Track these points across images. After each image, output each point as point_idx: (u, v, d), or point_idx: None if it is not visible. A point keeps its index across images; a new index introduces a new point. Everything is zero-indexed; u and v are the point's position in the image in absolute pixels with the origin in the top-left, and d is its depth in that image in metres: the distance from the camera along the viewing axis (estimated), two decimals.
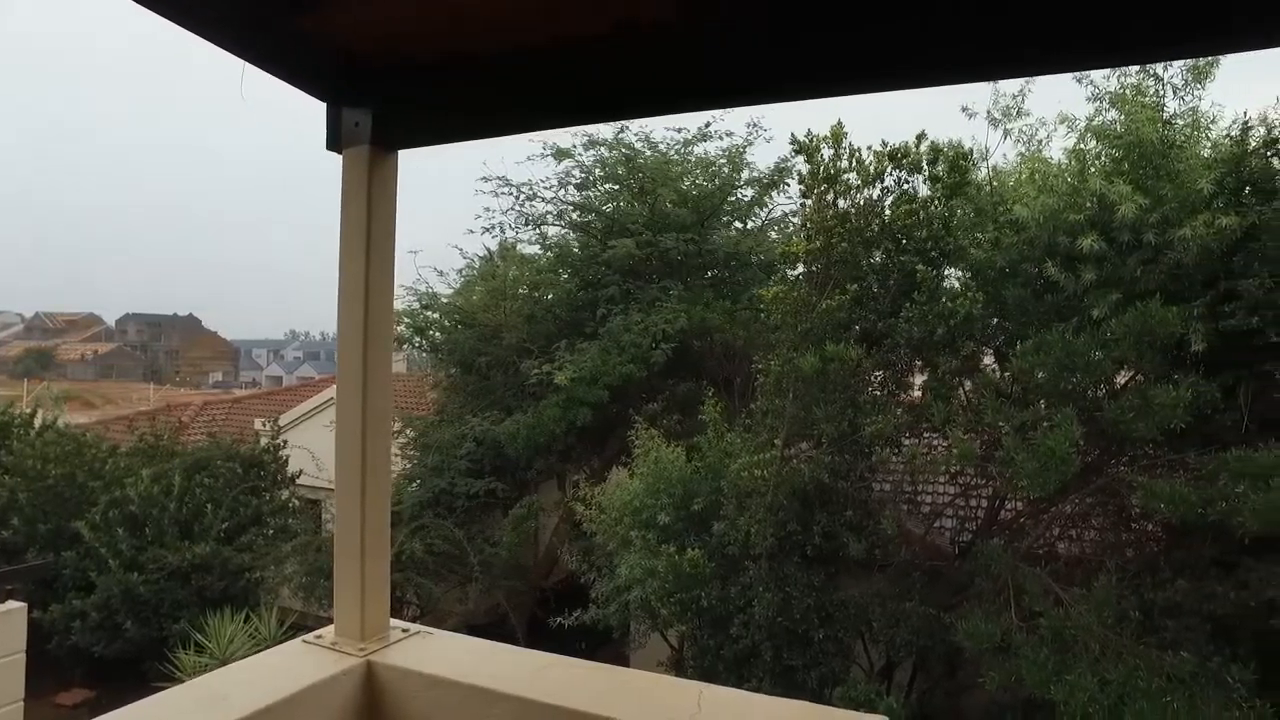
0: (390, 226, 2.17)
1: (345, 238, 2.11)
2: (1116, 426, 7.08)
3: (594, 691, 2.07)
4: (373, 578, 2.17)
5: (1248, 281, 6.71)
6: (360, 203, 2.08)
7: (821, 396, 8.03)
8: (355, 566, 2.14)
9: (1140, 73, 7.98)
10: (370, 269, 2.12)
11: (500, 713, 1.99)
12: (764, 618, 8.06)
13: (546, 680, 2.11)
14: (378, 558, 2.18)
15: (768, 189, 12.55)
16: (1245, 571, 6.65)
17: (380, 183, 2.10)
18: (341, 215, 2.13)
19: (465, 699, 2.04)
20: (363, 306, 2.11)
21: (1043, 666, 6.65)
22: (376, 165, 2.09)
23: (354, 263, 2.11)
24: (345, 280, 2.13)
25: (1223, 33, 1.30)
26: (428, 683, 2.06)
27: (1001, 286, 7.87)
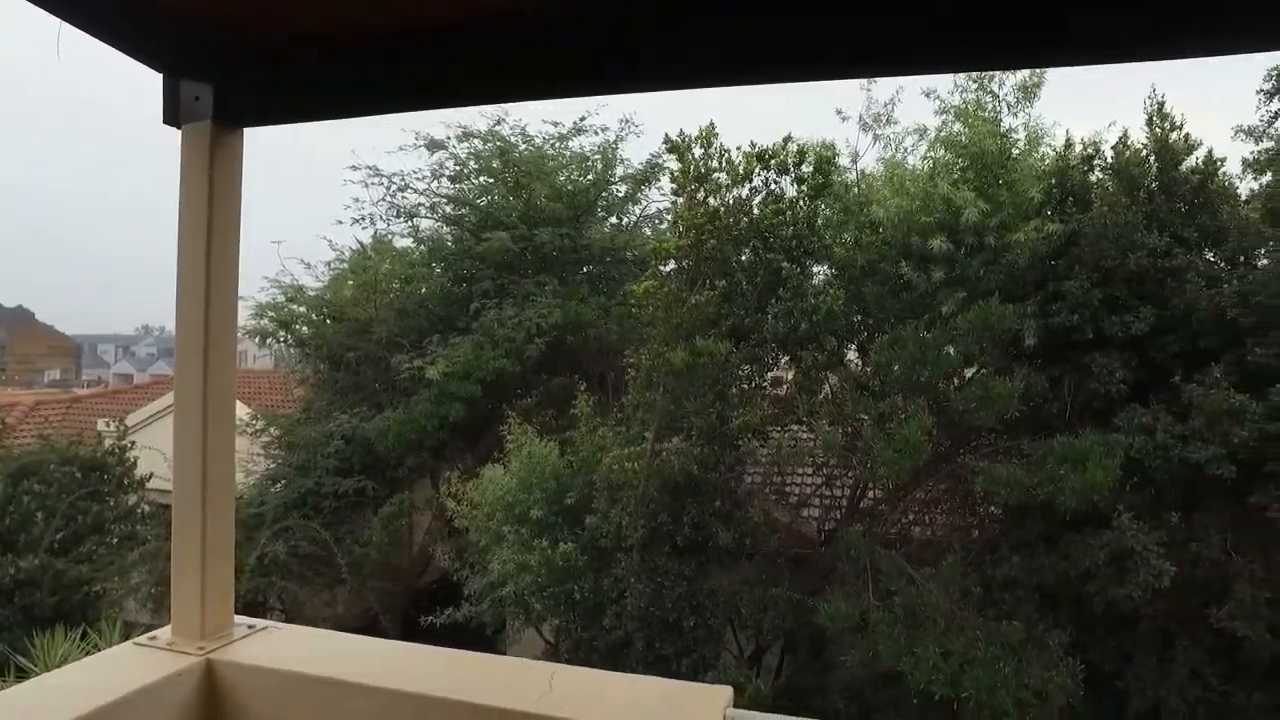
0: (235, 209, 2.06)
1: (185, 220, 1.97)
2: (962, 416, 7.61)
3: (451, 677, 2.05)
4: (215, 572, 2.06)
5: (1070, 283, 7.37)
6: (200, 183, 1.96)
7: (691, 390, 8.21)
8: (195, 560, 2.02)
9: (979, 89, 8.60)
10: (212, 253, 2.00)
11: (358, 704, 1.94)
12: (636, 608, 8.17)
13: (404, 669, 2.07)
14: (220, 552, 2.06)
15: (641, 185, 12.69)
16: (1066, 545, 7.30)
17: (224, 162, 1.98)
18: (180, 195, 2.00)
19: (319, 693, 1.97)
20: (203, 293, 1.99)
21: (896, 641, 7.08)
22: (220, 143, 1.96)
23: (194, 246, 1.98)
24: (184, 265, 2.01)
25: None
26: (278, 679, 1.98)
27: (862, 284, 8.29)
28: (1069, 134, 8.23)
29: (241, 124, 2.02)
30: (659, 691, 2.34)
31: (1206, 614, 6.99)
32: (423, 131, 12.17)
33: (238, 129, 2.03)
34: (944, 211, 7.62)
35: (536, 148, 12.55)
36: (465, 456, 11.72)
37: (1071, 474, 6.69)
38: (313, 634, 2.43)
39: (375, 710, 1.92)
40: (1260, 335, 7.07)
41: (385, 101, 2.13)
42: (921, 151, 8.51)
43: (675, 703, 2.16)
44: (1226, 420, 6.74)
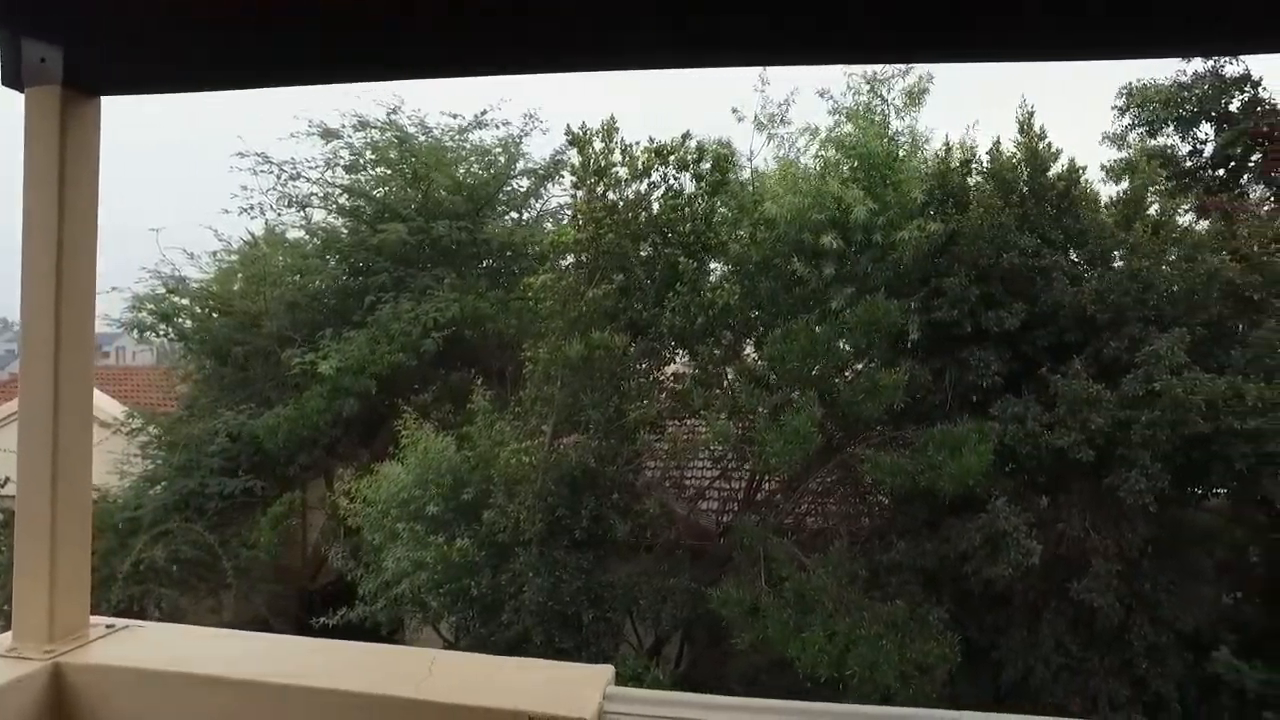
0: (91, 186, 1.91)
1: (31, 197, 1.83)
2: (851, 407, 7.90)
3: (323, 667, 2.00)
4: (66, 570, 1.94)
5: (950, 280, 7.76)
6: (49, 156, 1.81)
7: (588, 383, 8.23)
8: (41, 560, 1.90)
9: (870, 92, 8.94)
10: (65, 236, 1.86)
11: (224, 699, 1.87)
12: (534, 603, 8.14)
13: (272, 660, 2.01)
14: (72, 551, 1.94)
15: (544, 180, 12.62)
16: (946, 529, 7.69)
17: (77, 133, 1.83)
18: (25, 170, 1.85)
19: (182, 689, 1.89)
20: (53, 277, 1.86)
21: (785, 625, 7.30)
22: (72, 112, 1.82)
23: (43, 227, 1.84)
24: (31, 247, 1.86)
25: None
26: (137, 678, 1.89)
27: (757, 280, 8.49)
28: (948, 139, 8.67)
29: (98, 92, 1.89)
30: (541, 673, 2.35)
31: (1068, 588, 7.49)
32: (316, 119, 11.77)
33: (94, 97, 1.89)
34: (834, 209, 7.89)
35: (436, 139, 12.31)
36: (360, 453, 11.37)
37: (950, 461, 7.06)
38: (178, 630, 2.34)
39: (237, 703, 1.86)
40: (1114, 330, 7.63)
41: (261, 74, 2.01)
42: (813, 151, 8.78)
43: (556, 683, 2.17)
44: (1085, 408, 7.24)
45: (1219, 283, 7.76)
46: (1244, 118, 9.30)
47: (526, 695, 2.01)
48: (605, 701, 2.05)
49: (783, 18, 1.37)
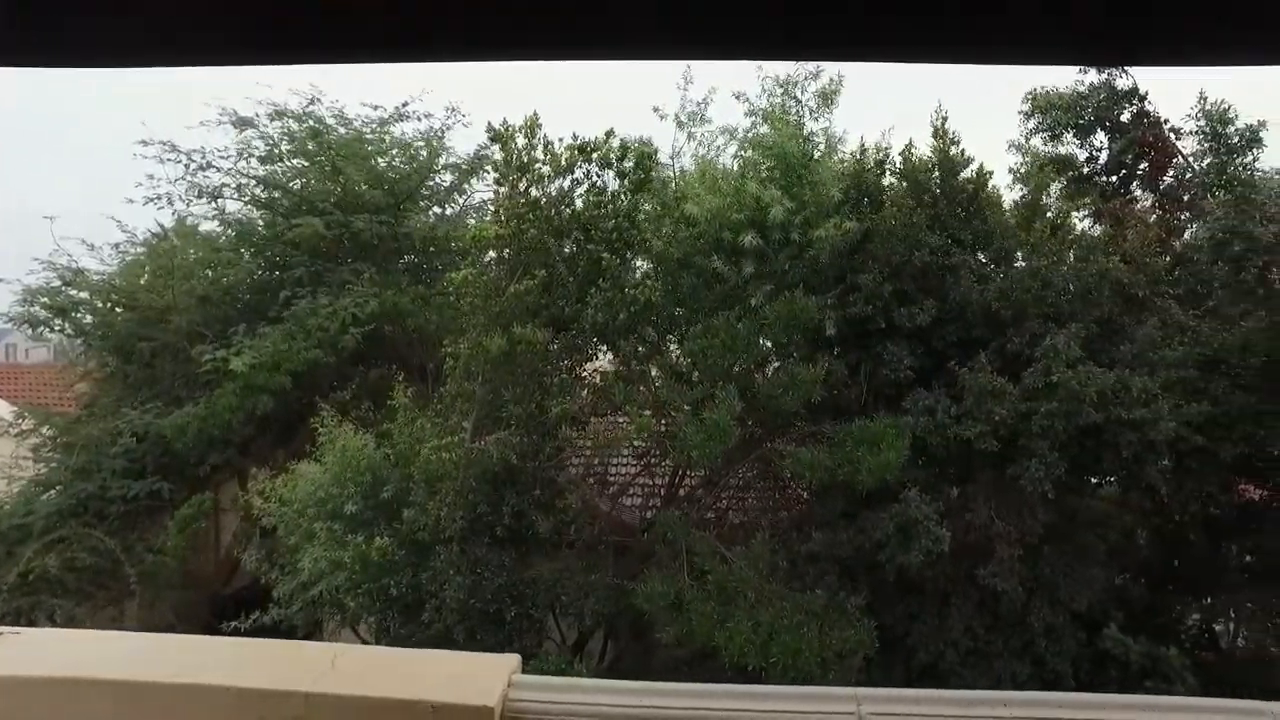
0: None
1: None
2: (770, 402, 8.07)
3: (218, 664, 1.95)
4: None
5: (865, 276, 8.01)
6: None
7: (510, 379, 8.19)
8: None
9: (784, 94, 9.14)
10: None
11: (109, 702, 1.80)
12: (456, 601, 8.05)
13: (164, 660, 1.95)
14: None
15: (467, 176, 12.47)
16: (863, 520, 7.93)
17: None
18: None
19: (56, 694, 1.81)
20: None
21: (709, 617, 7.41)
22: None
23: None
24: None
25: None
26: (17, 687, 1.82)
27: (678, 277, 8.58)
28: (863, 140, 8.94)
29: None
30: (447, 664, 2.33)
31: (975, 574, 7.83)
32: (228, 107, 11.35)
33: None
34: (753, 209, 8.04)
35: (355, 131, 12.02)
36: (276, 453, 11.02)
37: (868, 455, 7.29)
38: (60, 635, 2.24)
39: (122, 705, 1.80)
40: (1017, 326, 8.01)
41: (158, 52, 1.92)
42: (732, 151, 8.93)
43: (461, 673, 2.16)
44: (990, 401, 7.57)
45: (1109, 282, 8.22)
46: (1133, 128, 9.88)
47: (430, 685, 2.00)
48: (511, 689, 2.07)
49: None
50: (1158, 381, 7.72)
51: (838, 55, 1.38)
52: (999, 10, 1.09)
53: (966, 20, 1.13)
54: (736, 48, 1.50)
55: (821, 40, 1.48)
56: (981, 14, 1.10)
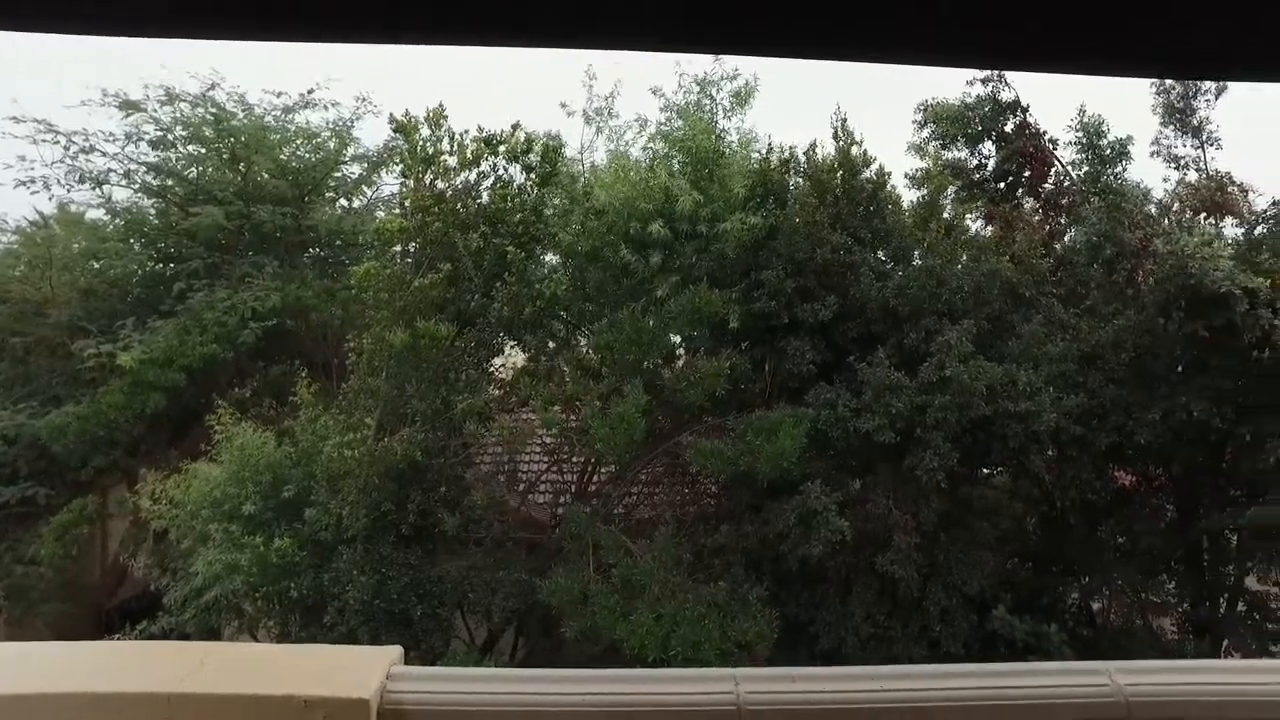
0: None
1: None
2: (676, 396, 8.17)
3: (75, 670, 1.86)
4: None
5: (769, 272, 8.20)
6: None
7: (415, 374, 8.06)
8: None
9: (700, 92, 9.29)
10: None
11: None
12: (359, 602, 7.86)
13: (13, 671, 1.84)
14: None
15: (376, 168, 12.18)
16: (766, 511, 8.12)
17: None
18: None
19: None
20: None
21: (613, 611, 7.45)
22: None
23: None
24: None
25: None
26: None
27: (585, 270, 8.60)
28: (770, 139, 9.17)
29: None
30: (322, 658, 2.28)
31: (874, 562, 8.10)
32: (113, 88, 10.74)
33: None
34: (661, 199, 8.13)
35: (257, 118, 11.57)
36: (169, 453, 10.51)
37: (766, 444, 7.46)
38: None
39: None
40: (913, 322, 8.34)
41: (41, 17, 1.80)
42: (641, 144, 9.02)
43: (337, 667, 2.12)
44: (888, 394, 7.86)
45: (999, 281, 8.65)
46: (1016, 138, 10.42)
47: (303, 680, 1.96)
48: (390, 681, 2.04)
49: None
50: (1041, 375, 8.17)
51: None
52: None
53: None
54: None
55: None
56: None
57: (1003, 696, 2.02)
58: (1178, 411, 8.26)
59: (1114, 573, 9.48)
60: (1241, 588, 9.21)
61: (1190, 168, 10.29)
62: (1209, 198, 9.36)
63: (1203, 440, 8.66)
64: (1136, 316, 8.64)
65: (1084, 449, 8.76)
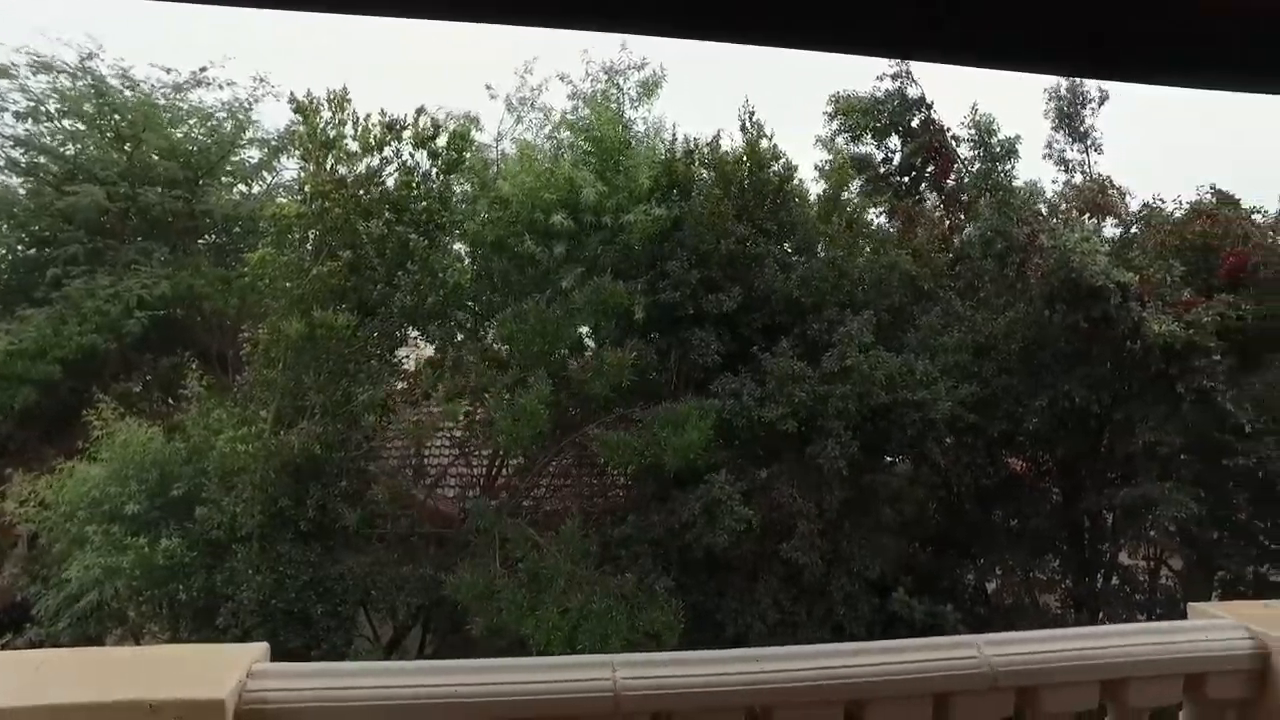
0: None
1: None
2: (582, 387, 8.12)
3: None
4: None
5: (674, 263, 8.22)
6: None
7: (313, 365, 7.77)
8: None
9: (609, 82, 9.22)
10: None
11: None
12: (254, 602, 7.56)
13: None
14: None
15: (277, 152, 11.66)
16: (673, 502, 8.17)
17: None
18: None
19: None
20: None
21: (519, 606, 7.37)
22: None
23: None
24: None
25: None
26: None
27: (491, 260, 8.46)
28: (675, 129, 9.20)
29: None
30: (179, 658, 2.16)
31: (780, 549, 8.25)
32: None
33: None
34: (565, 189, 8.05)
35: (145, 95, 10.91)
36: (44, 451, 9.86)
37: (673, 436, 7.49)
38: None
39: None
40: (816, 313, 8.52)
41: None
42: (547, 132, 8.91)
43: (193, 667, 2.00)
44: (791, 384, 8.01)
45: (899, 274, 8.91)
46: (921, 133, 10.75)
47: (151, 683, 1.84)
48: (250, 680, 1.94)
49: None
50: (938, 365, 8.46)
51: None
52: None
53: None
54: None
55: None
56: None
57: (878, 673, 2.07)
58: (1061, 399, 8.69)
59: (1006, 554, 9.94)
60: (1115, 563, 9.81)
61: (1077, 170, 10.85)
62: (1092, 199, 9.87)
63: (1083, 426, 9.15)
64: (1025, 308, 9.04)
65: (978, 436, 9.13)
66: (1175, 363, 8.09)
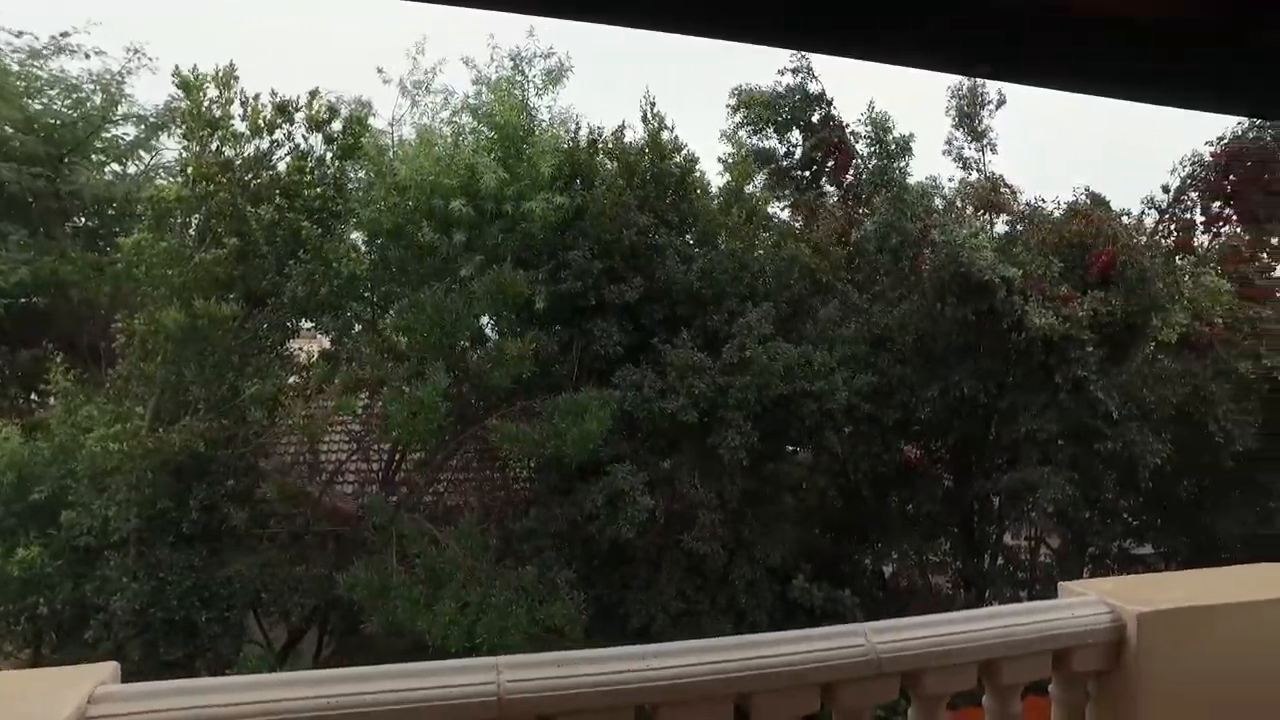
0: None
1: None
2: (481, 378, 7.96)
3: None
4: None
5: (576, 253, 8.15)
6: None
7: (196, 358, 7.34)
8: None
9: (514, 69, 9.04)
10: None
11: None
12: (130, 612, 7.11)
13: None
14: None
15: (156, 130, 10.92)
16: (575, 494, 8.11)
17: None
18: None
19: None
20: None
21: (416, 602, 7.17)
22: None
23: None
24: None
25: None
26: None
27: (388, 248, 8.19)
28: (579, 119, 9.11)
29: None
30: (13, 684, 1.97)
31: (681, 540, 8.31)
32: None
33: None
34: (465, 176, 7.86)
35: None
36: None
37: (572, 427, 7.43)
38: None
39: None
40: (717, 305, 8.60)
41: None
42: (446, 116, 8.67)
43: (23, 694, 1.82)
44: (691, 375, 8.06)
45: (799, 266, 9.09)
46: (821, 129, 11.00)
47: None
48: (91, 706, 1.77)
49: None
50: (835, 356, 8.68)
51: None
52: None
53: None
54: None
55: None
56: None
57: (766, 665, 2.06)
58: (952, 389, 9.05)
59: (901, 538, 10.32)
60: (1001, 544, 10.34)
61: (974, 168, 11.32)
62: (986, 196, 10.32)
63: (973, 414, 9.57)
64: (919, 301, 9.38)
65: (874, 425, 9.42)
66: (1054, 354, 8.54)
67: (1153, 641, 2.23)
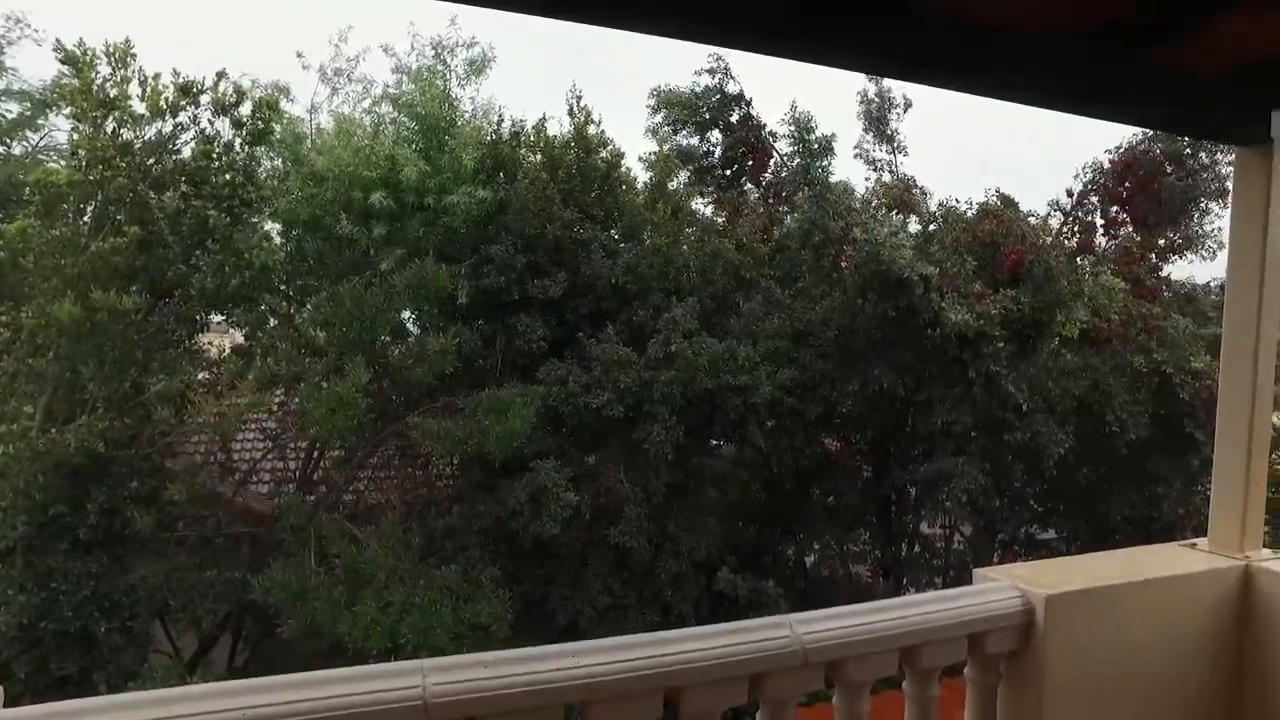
0: None
1: None
2: (402, 374, 7.77)
3: None
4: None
5: (499, 247, 8.04)
6: None
7: (93, 353, 6.92)
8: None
9: (436, 57, 8.85)
10: None
11: None
12: (17, 626, 6.69)
13: None
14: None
15: (44, 108, 10.26)
16: (500, 491, 8.01)
17: None
18: None
19: None
20: None
21: (335, 604, 6.94)
22: None
23: None
24: None
25: None
26: None
27: (304, 240, 7.91)
28: (502, 111, 8.99)
29: None
30: None
31: (607, 535, 8.30)
32: None
33: None
34: (386, 167, 7.66)
35: None
36: None
37: (495, 423, 7.32)
38: None
39: None
40: (642, 300, 8.62)
41: None
42: (366, 105, 8.44)
43: None
44: (617, 370, 8.05)
45: (723, 262, 9.18)
46: (741, 129, 11.16)
47: None
48: None
49: None
50: (759, 351, 8.80)
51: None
52: None
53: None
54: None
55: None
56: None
57: (695, 659, 2.06)
58: (872, 383, 9.29)
59: (823, 529, 10.56)
60: (917, 533, 10.69)
61: (885, 169, 11.67)
62: (898, 197, 10.64)
63: (891, 408, 9.85)
64: (840, 298, 9.59)
65: (797, 419, 9.59)
66: (968, 349, 8.85)
67: (1057, 622, 2.35)
